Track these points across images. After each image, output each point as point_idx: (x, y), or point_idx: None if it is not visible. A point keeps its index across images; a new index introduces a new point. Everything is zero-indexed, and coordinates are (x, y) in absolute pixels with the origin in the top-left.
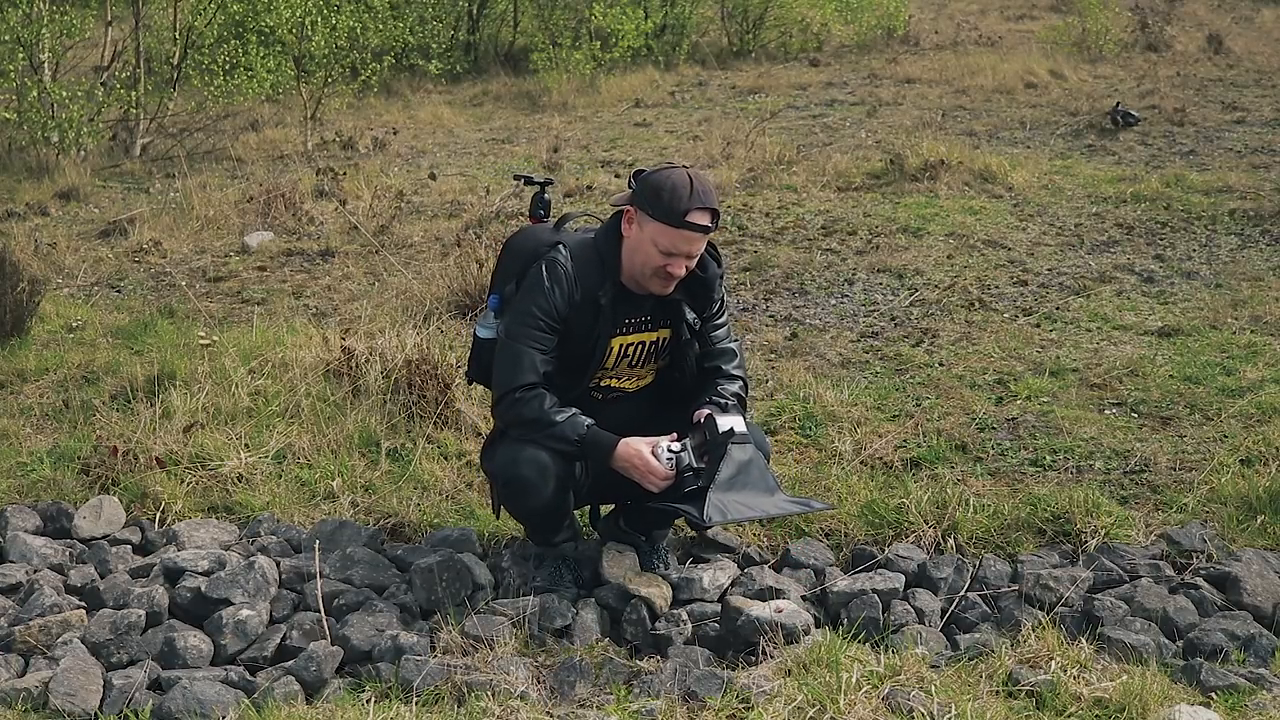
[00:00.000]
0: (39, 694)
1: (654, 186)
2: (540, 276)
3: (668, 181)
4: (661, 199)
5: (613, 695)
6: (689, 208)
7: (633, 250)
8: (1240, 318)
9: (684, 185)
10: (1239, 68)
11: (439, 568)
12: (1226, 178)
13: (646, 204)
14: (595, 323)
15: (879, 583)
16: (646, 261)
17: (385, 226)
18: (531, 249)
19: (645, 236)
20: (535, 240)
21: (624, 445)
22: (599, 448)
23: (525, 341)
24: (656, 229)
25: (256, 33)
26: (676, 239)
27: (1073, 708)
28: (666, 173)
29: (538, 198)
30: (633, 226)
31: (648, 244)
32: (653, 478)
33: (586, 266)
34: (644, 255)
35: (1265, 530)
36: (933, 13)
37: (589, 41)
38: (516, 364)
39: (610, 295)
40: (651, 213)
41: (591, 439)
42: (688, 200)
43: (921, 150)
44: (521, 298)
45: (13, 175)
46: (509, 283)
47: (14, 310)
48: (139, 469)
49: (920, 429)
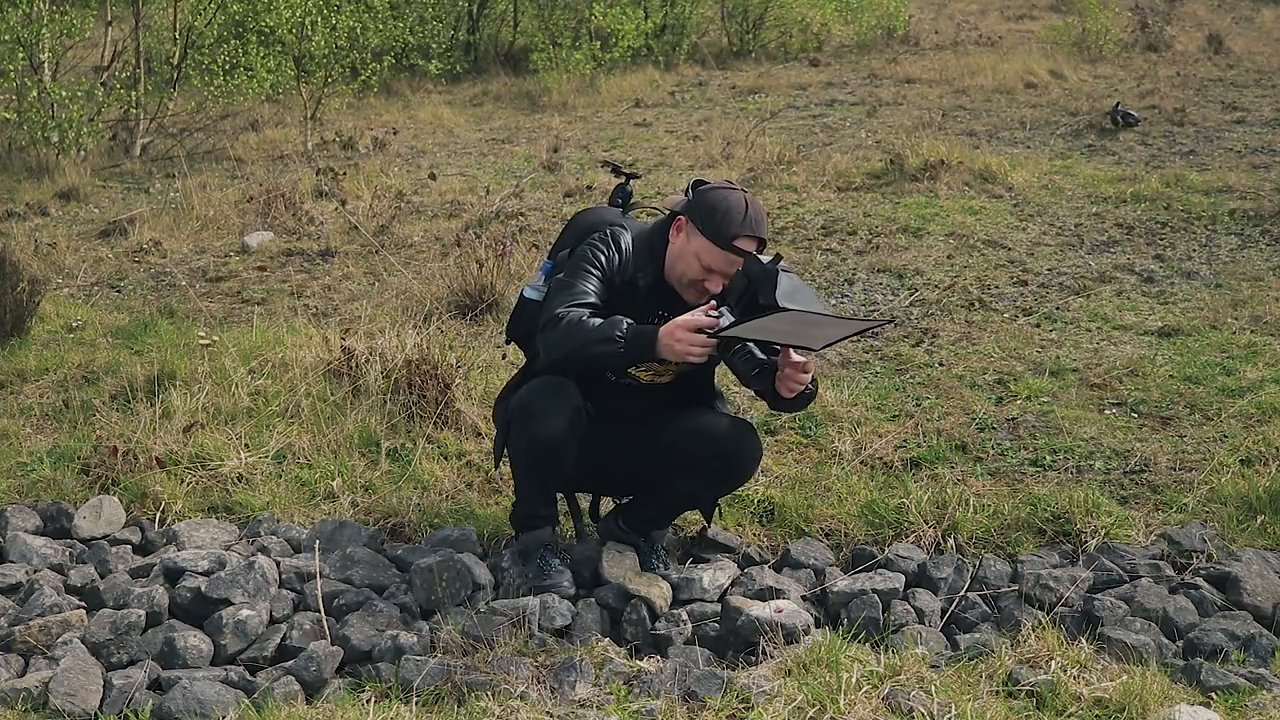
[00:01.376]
0: (39, 694)
1: (709, 204)
2: (604, 239)
3: (724, 202)
4: (714, 218)
5: (613, 695)
6: (738, 233)
7: (676, 257)
8: (1240, 318)
9: (738, 209)
10: (1239, 68)
11: (439, 568)
12: (1226, 178)
13: (699, 218)
14: (630, 305)
15: (879, 583)
16: (686, 271)
17: (385, 226)
18: (596, 224)
19: (691, 248)
20: (600, 218)
21: (666, 326)
22: (642, 339)
23: (578, 278)
24: (702, 244)
25: (256, 33)
26: (720, 259)
27: (1073, 708)
28: (724, 193)
29: (620, 189)
30: (680, 235)
31: (691, 256)
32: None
33: (640, 251)
34: (685, 264)
35: (1265, 530)
36: (933, 13)
37: (589, 41)
38: (566, 291)
39: (649, 281)
40: (701, 228)
41: (634, 332)
42: (739, 225)
43: (921, 150)
44: (580, 252)
45: (13, 175)
46: (566, 247)
47: (14, 310)
48: (139, 469)
49: (920, 429)
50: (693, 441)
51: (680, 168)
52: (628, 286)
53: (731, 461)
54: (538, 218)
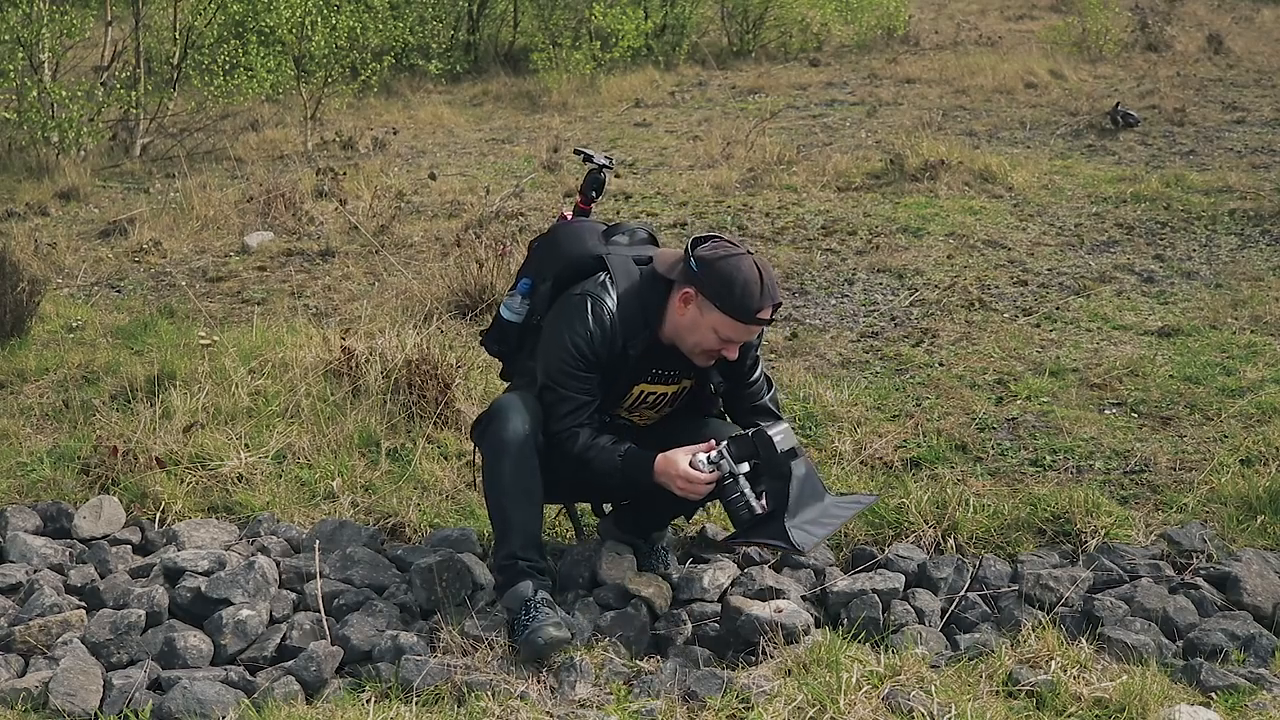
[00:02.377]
0: (39, 694)
1: (724, 279)
2: (585, 315)
3: (739, 275)
4: (733, 294)
5: (613, 695)
6: (761, 306)
7: (687, 329)
8: (1240, 318)
9: (755, 282)
10: (1239, 68)
11: (439, 568)
12: (1226, 178)
13: (713, 294)
14: (621, 371)
15: (879, 583)
16: (700, 343)
17: (385, 226)
18: (577, 255)
19: (706, 323)
20: (582, 247)
21: (661, 460)
22: (639, 466)
23: (567, 386)
24: (721, 320)
25: (256, 33)
26: (741, 331)
27: (1073, 708)
28: (734, 263)
29: (592, 177)
30: (689, 308)
31: (706, 329)
32: (695, 488)
33: (629, 317)
34: (699, 337)
35: (1265, 530)
36: (933, 13)
37: (589, 41)
38: (557, 409)
39: (640, 350)
40: (719, 305)
41: (630, 459)
42: (759, 299)
43: (921, 150)
44: (560, 334)
45: (13, 175)
46: (545, 276)
47: (14, 310)
48: (139, 469)
49: (920, 429)
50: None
51: (680, 168)
52: (618, 358)
53: None
54: (538, 218)
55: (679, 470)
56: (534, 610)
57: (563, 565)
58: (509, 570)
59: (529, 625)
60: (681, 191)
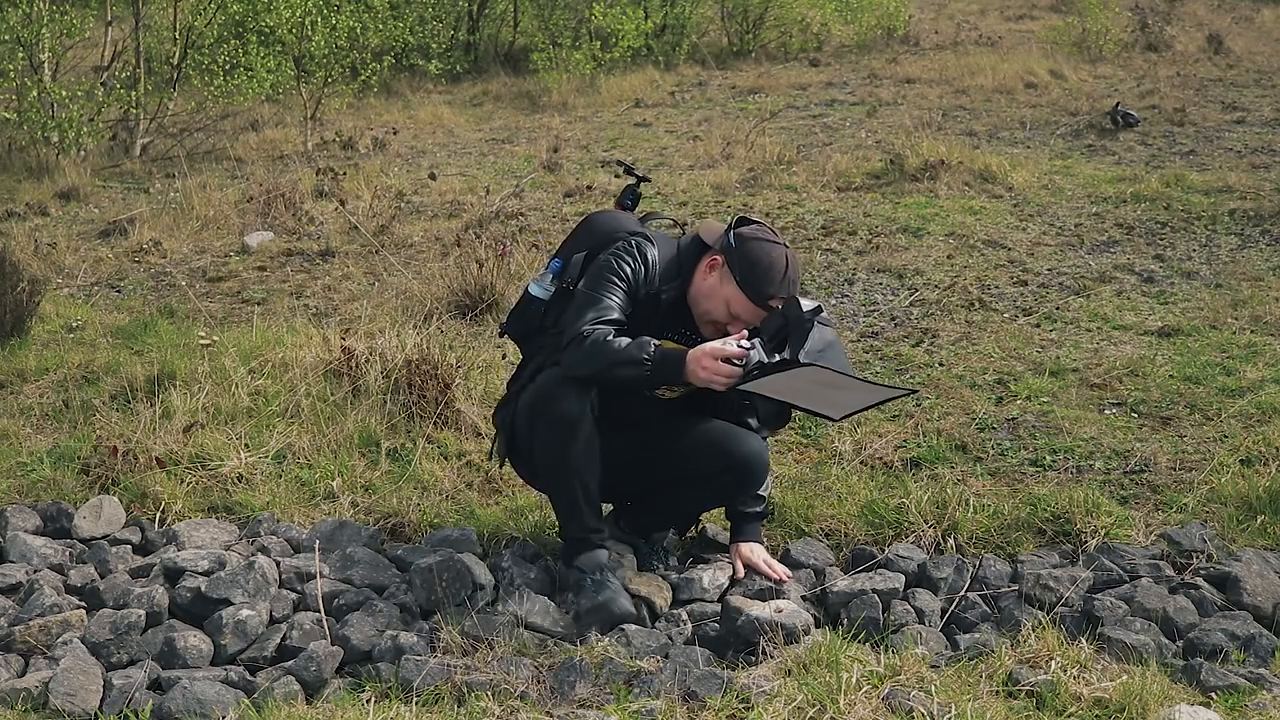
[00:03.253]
0: (39, 694)
1: (752, 256)
2: (629, 249)
3: (766, 258)
4: (754, 273)
5: (613, 695)
6: (775, 293)
7: (705, 295)
8: (1240, 318)
9: (778, 268)
10: (1239, 68)
11: (439, 568)
12: (1226, 178)
13: (737, 267)
14: (650, 319)
15: (879, 583)
16: (711, 311)
17: (385, 226)
18: (613, 229)
19: (722, 293)
20: (619, 224)
21: (694, 351)
22: (669, 363)
23: (603, 291)
24: (735, 294)
25: (256, 33)
26: (750, 312)
27: (1073, 708)
28: (768, 247)
29: (630, 190)
30: (712, 275)
31: (720, 300)
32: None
33: (667, 267)
34: (712, 305)
35: (1265, 530)
36: (933, 13)
37: (589, 41)
38: (591, 306)
39: (672, 296)
40: (738, 279)
41: (661, 355)
42: (776, 285)
43: (921, 150)
44: (604, 261)
45: (13, 175)
46: (579, 251)
47: (14, 310)
48: (139, 469)
49: (920, 429)
50: (703, 454)
51: (680, 168)
52: (651, 299)
53: (743, 476)
54: (538, 218)
55: (709, 348)
56: (608, 578)
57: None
58: (584, 543)
59: (602, 590)
60: (681, 191)
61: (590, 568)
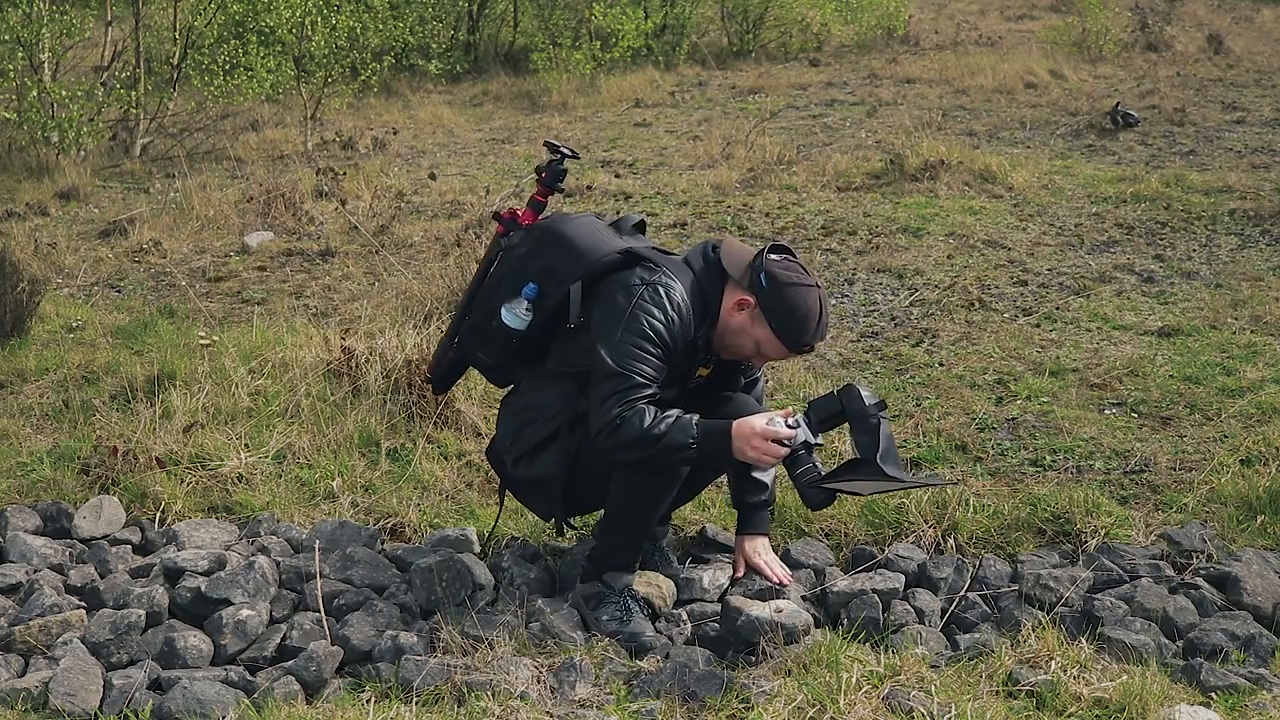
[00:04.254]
0: (39, 694)
1: (788, 304)
2: (663, 302)
3: (803, 304)
4: (791, 321)
5: (613, 695)
6: (811, 341)
7: (732, 331)
8: (1240, 318)
9: (814, 316)
10: (1239, 68)
11: (439, 568)
12: (1226, 178)
13: (772, 314)
14: (693, 358)
15: (879, 583)
16: (737, 348)
17: (385, 226)
18: (602, 252)
19: (753, 334)
20: (597, 239)
21: (739, 424)
22: (715, 440)
23: (641, 372)
24: (769, 338)
25: (256, 33)
26: (782, 354)
27: (1073, 708)
28: (803, 292)
29: (555, 167)
30: (742, 314)
31: (749, 339)
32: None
33: (696, 305)
34: (740, 342)
35: (1265, 530)
36: (933, 13)
37: (589, 41)
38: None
39: (705, 338)
40: (774, 326)
41: (704, 434)
42: (812, 335)
43: (921, 150)
44: (638, 321)
45: (13, 175)
46: (564, 278)
47: (14, 310)
48: (139, 469)
49: (920, 429)
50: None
51: (680, 168)
52: (690, 346)
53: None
54: None
55: (758, 428)
56: (632, 605)
57: (563, 565)
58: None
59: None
60: (681, 191)
61: (618, 587)
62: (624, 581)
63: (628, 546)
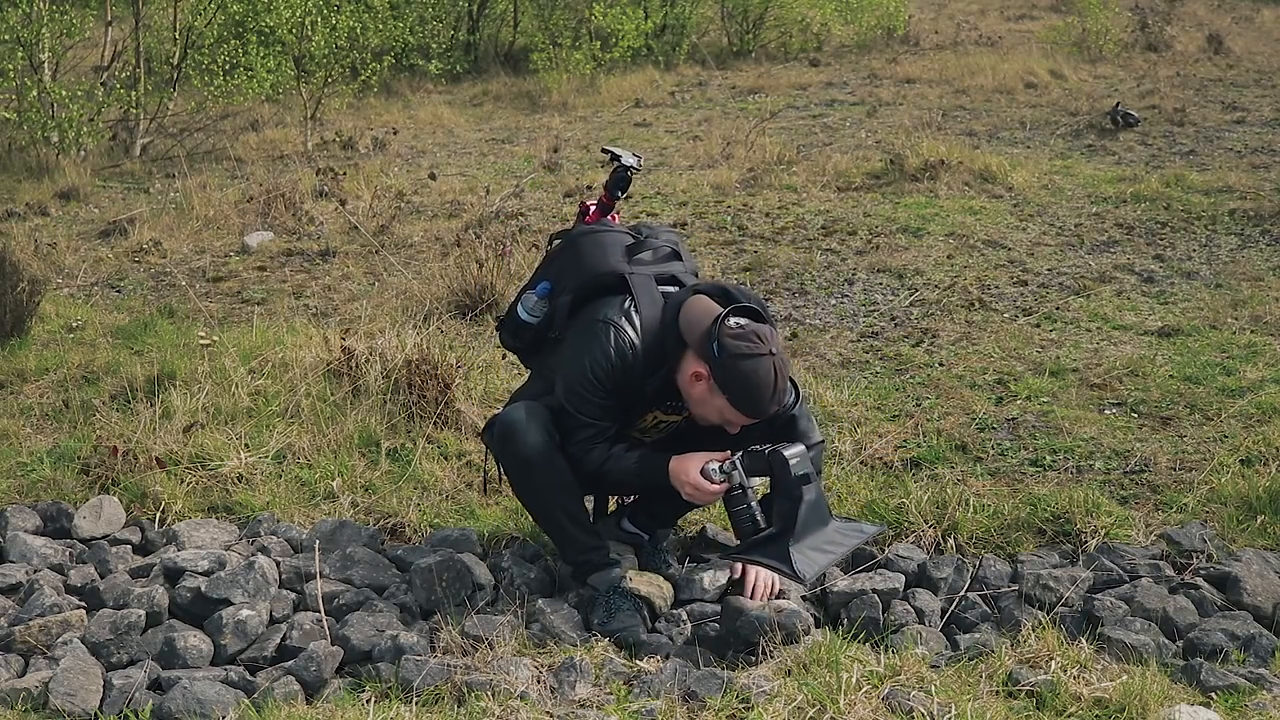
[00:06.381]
0: (39, 694)
1: (741, 376)
2: (606, 344)
3: (754, 375)
4: (745, 394)
5: (613, 695)
6: (767, 409)
7: (697, 402)
8: (1240, 318)
9: (768, 387)
10: (1239, 68)
11: (439, 568)
12: (1226, 178)
13: (725, 386)
14: (637, 401)
15: (879, 583)
16: (705, 415)
17: (385, 226)
18: (600, 271)
19: (714, 404)
20: (605, 263)
21: (675, 462)
22: (654, 469)
23: (584, 412)
24: (726, 407)
25: (256, 33)
26: (745, 421)
27: (1073, 708)
28: (753, 364)
29: (619, 174)
30: (701, 384)
31: (712, 408)
32: (702, 496)
33: (650, 351)
34: (706, 410)
35: (1265, 530)
36: (933, 13)
37: (589, 41)
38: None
39: (657, 385)
40: (730, 398)
41: (645, 463)
42: (766, 404)
43: (921, 150)
44: (580, 360)
45: (13, 175)
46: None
47: (14, 310)
48: (139, 469)
49: (920, 429)
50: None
51: (680, 168)
52: (635, 391)
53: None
54: (538, 218)
55: (690, 478)
56: (620, 602)
57: (562, 565)
58: (586, 565)
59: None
60: (681, 191)
61: (604, 586)
62: (608, 580)
63: (567, 545)
